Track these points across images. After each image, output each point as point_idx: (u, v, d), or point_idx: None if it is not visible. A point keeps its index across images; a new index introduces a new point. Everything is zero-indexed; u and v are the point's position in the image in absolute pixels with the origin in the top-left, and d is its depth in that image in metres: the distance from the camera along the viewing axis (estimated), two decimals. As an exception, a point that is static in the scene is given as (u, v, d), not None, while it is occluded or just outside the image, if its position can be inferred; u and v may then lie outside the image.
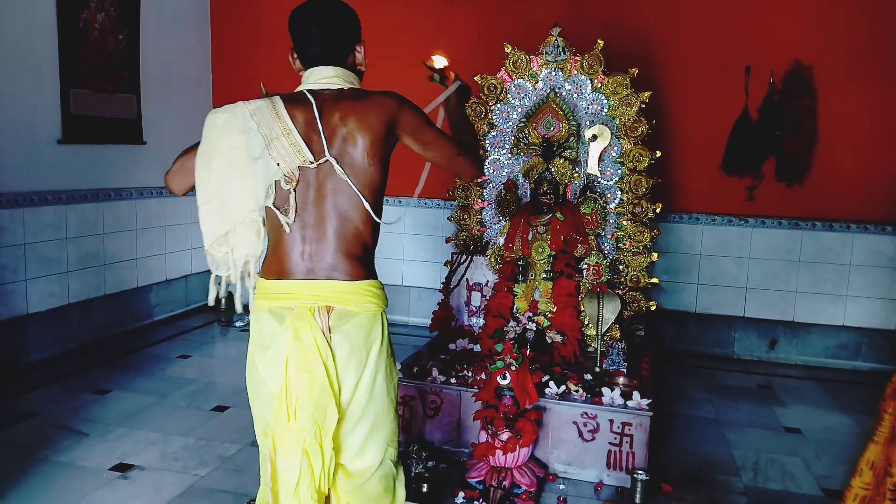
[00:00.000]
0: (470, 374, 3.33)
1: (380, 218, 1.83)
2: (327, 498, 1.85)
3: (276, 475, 1.75)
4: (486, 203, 4.20)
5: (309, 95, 1.81)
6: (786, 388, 4.43)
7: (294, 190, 1.75)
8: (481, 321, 4.02)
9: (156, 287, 5.32)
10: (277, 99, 1.80)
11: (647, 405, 3.01)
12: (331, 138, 1.76)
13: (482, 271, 4.09)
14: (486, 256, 4.08)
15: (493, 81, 4.07)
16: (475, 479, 2.94)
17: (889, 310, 4.72)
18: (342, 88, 1.85)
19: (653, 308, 4.05)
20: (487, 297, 4.01)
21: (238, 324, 5.40)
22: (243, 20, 5.70)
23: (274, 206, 1.75)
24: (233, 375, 4.28)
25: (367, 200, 1.77)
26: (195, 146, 1.83)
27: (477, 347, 3.74)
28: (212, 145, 1.76)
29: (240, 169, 1.72)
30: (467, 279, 4.11)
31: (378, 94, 1.83)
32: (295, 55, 1.95)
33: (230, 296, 5.96)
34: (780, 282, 4.90)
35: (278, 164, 1.72)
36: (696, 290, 5.04)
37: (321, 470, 1.73)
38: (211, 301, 1.86)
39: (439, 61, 2.30)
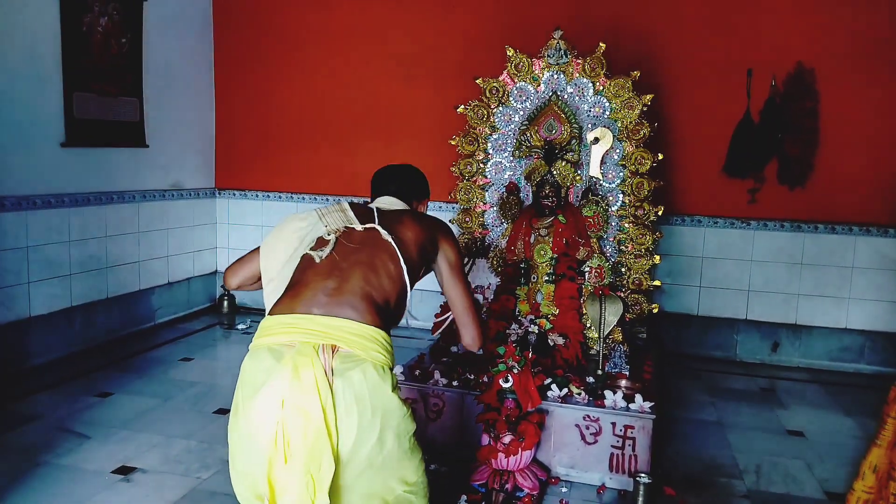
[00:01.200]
0: (472, 376, 3.33)
1: (411, 286, 1.90)
2: None
3: None
4: (488, 206, 4.20)
5: (373, 207, 2.04)
6: (788, 390, 4.42)
7: (336, 238, 1.87)
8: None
9: (158, 290, 5.33)
10: (343, 199, 2.07)
11: (650, 408, 3.01)
12: (382, 221, 1.93)
13: (484, 274, 4.09)
14: (489, 259, 4.08)
15: (494, 84, 4.07)
16: (477, 483, 2.93)
17: (892, 312, 4.71)
18: (402, 209, 2.09)
19: (655, 311, 4.04)
20: (490, 300, 4.01)
21: (240, 326, 5.40)
22: (246, 24, 5.71)
23: (311, 251, 1.85)
24: (235, 378, 4.26)
25: (405, 264, 1.86)
26: (257, 248, 1.98)
27: (479, 350, 3.73)
28: (278, 234, 1.93)
29: (296, 247, 1.89)
30: (469, 282, 4.10)
31: (436, 217, 2.10)
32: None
33: (232, 299, 5.95)
34: (782, 284, 4.89)
35: (326, 226, 1.89)
36: (699, 293, 5.03)
37: None
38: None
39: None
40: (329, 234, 1.87)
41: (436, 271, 2.06)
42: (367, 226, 1.90)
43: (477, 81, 4.11)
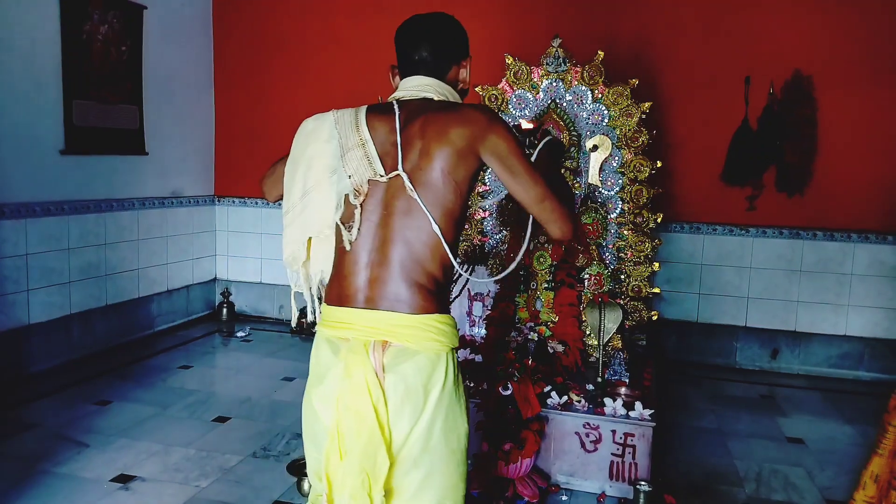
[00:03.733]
0: (472, 384, 3.32)
1: (454, 250, 1.65)
2: None
3: None
4: (487, 213, 4.21)
5: (395, 105, 1.69)
6: (788, 398, 4.42)
7: (361, 206, 1.63)
8: (483, 331, 4.01)
9: (157, 297, 5.33)
10: (363, 108, 1.71)
11: (650, 415, 3.01)
12: (407, 152, 1.62)
13: (483, 282, 4.09)
14: (488, 266, 4.08)
15: (493, 92, 4.09)
16: (477, 491, 2.93)
17: (891, 319, 4.71)
18: (431, 99, 1.72)
19: (654, 318, 4.04)
20: (489, 308, 4.01)
21: (239, 334, 5.39)
22: (245, 31, 5.73)
23: (340, 222, 1.64)
24: (234, 386, 4.28)
25: (438, 225, 1.59)
26: (281, 161, 1.80)
27: (479, 358, 3.73)
28: (298, 153, 1.71)
29: (320, 179, 1.66)
30: (469, 289, 4.10)
31: (467, 107, 1.68)
32: (395, 71, 1.83)
33: (231, 307, 5.93)
34: (781, 291, 4.89)
35: (350, 176, 1.63)
36: (698, 300, 5.04)
37: None
38: (294, 323, 1.80)
39: (526, 125, 2.11)
40: (354, 198, 1.62)
41: (495, 173, 1.67)
42: (392, 175, 1.61)
43: (476, 89, 4.12)
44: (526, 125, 2.07)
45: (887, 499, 1.99)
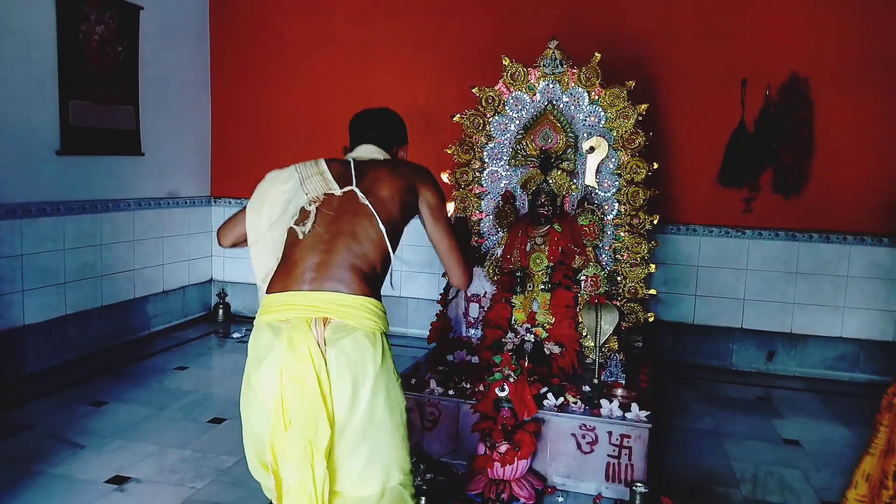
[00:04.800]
0: (468, 385, 3.32)
1: (394, 250, 1.94)
2: None
3: (281, 485, 1.75)
4: (483, 214, 4.21)
5: (350, 159, 2.05)
6: (784, 399, 4.43)
7: (316, 209, 1.91)
8: (479, 332, 4.01)
9: (153, 298, 5.32)
10: (322, 158, 2.03)
11: (646, 417, 3.01)
12: (360, 179, 1.96)
13: (480, 283, 4.09)
14: (485, 268, 4.08)
15: (490, 94, 4.09)
16: (473, 492, 2.93)
17: (886, 321, 4.72)
18: (380, 159, 2.09)
19: (651, 319, 4.05)
20: (486, 309, 4.01)
21: (235, 335, 5.39)
22: (242, 33, 5.72)
23: (294, 225, 1.91)
24: (230, 387, 4.27)
25: (383, 226, 1.89)
26: (244, 208, 2.03)
27: (475, 359, 3.73)
28: (262, 195, 1.96)
29: (281, 211, 1.93)
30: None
31: (413, 163, 2.10)
32: (346, 151, 2.19)
33: (227, 308, 5.92)
34: (777, 293, 4.90)
35: (307, 194, 1.92)
36: (694, 302, 5.04)
37: (312, 489, 1.70)
38: None
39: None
40: (310, 205, 1.91)
41: (420, 217, 2.07)
42: (346, 189, 1.92)
43: (473, 91, 4.12)
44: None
45: (879, 498, 2.00)
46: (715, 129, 4.88)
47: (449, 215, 2.29)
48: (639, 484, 2.87)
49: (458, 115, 4.17)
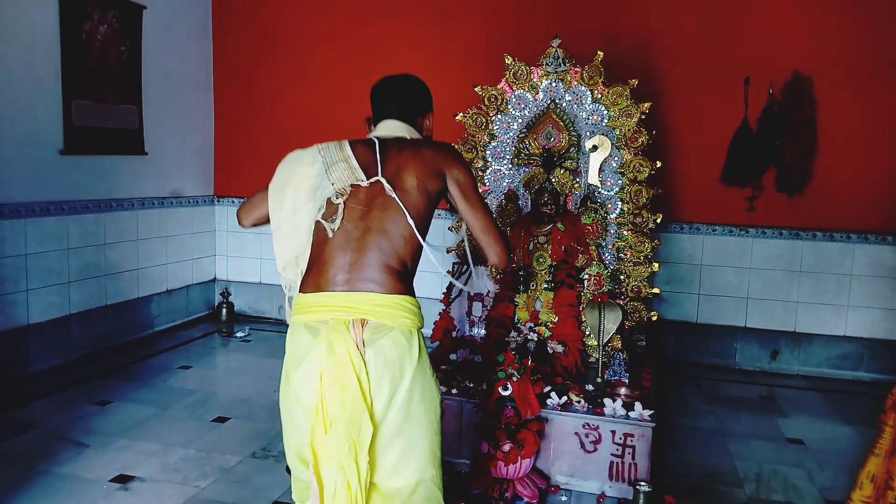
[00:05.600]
0: (471, 384, 3.32)
1: (424, 236, 1.90)
2: None
3: (322, 484, 1.74)
4: (486, 213, 4.20)
5: (374, 139, 1.96)
6: (788, 398, 4.42)
7: (344, 203, 1.86)
8: (483, 332, 4.01)
9: (157, 297, 5.33)
10: (345, 140, 1.95)
11: (649, 416, 3.01)
12: (386, 166, 1.89)
13: (483, 281, 4.09)
14: (488, 267, 4.08)
15: (493, 92, 4.09)
16: (477, 491, 2.93)
17: (890, 320, 4.71)
18: (406, 138, 2.00)
19: (654, 318, 4.04)
20: (489, 308, 4.00)
21: (239, 334, 5.39)
22: (245, 31, 5.73)
23: (322, 219, 1.86)
24: (234, 386, 4.28)
25: (412, 219, 1.85)
26: (266, 187, 1.96)
27: (478, 358, 3.73)
28: (285, 177, 1.91)
29: (308, 197, 1.87)
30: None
31: (439, 142, 2.01)
32: (370, 122, 2.12)
33: (231, 307, 5.92)
34: (781, 292, 4.89)
35: (333, 184, 1.86)
36: (698, 301, 5.04)
37: (357, 485, 1.72)
38: (288, 319, 1.94)
39: None
40: (337, 198, 1.86)
41: (449, 199, 1.99)
42: (373, 180, 1.86)
43: (475, 89, 4.12)
44: None
45: (884, 498, 1.99)
46: (718, 127, 4.87)
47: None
48: (642, 483, 2.87)
49: (461, 114, 4.17)
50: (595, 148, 3.95)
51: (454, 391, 3.28)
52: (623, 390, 3.31)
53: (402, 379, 1.78)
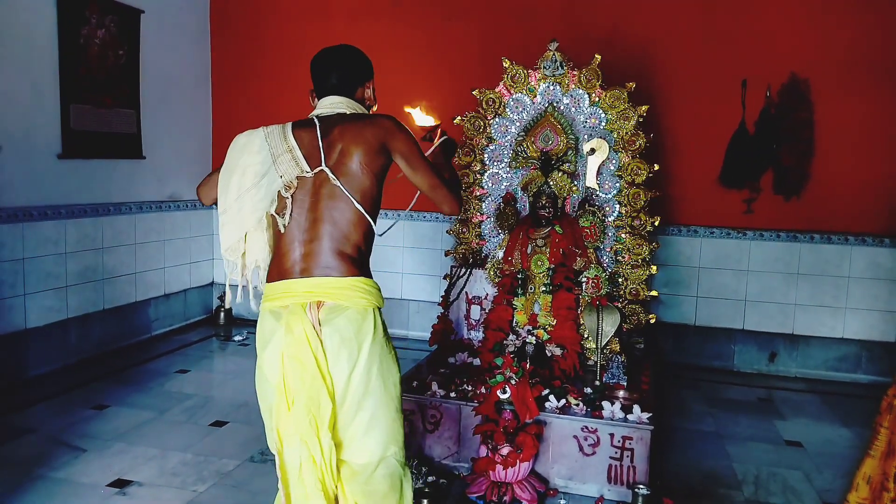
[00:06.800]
0: (470, 388, 3.32)
1: (374, 221, 1.99)
2: (337, 498, 1.92)
3: (284, 465, 1.85)
4: (484, 216, 4.21)
5: (315, 119, 2.03)
6: (786, 401, 4.42)
7: (292, 196, 1.94)
8: (481, 335, 4.01)
9: (154, 301, 5.32)
10: (288, 124, 2.02)
11: (648, 419, 3.01)
12: (329, 152, 1.96)
13: (481, 284, 4.09)
14: (486, 270, 4.08)
15: (491, 96, 4.09)
16: (475, 495, 2.92)
17: (888, 322, 4.72)
18: (345, 113, 2.05)
19: (652, 321, 4.04)
20: (487, 311, 4.01)
21: (237, 338, 5.38)
22: (243, 36, 5.73)
23: (275, 213, 1.96)
24: (231, 390, 4.27)
25: (359, 204, 1.93)
26: (218, 170, 2.05)
27: (477, 361, 3.73)
28: (232, 162, 1.99)
29: (252, 184, 1.95)
30: (466, 292, 4.10)
31: (377, 116, 2.04)
32: (313, 95, 2.16)
33: (230, 310, 5.92)
34: (779, 294, 4.90)
35: (281, 176, 1.94)
36: (696, 303, 5.04)
37: (322, 460, 1.82)
38: (227, 303, 2.07)
39: (421, 118, 2.41)
40: (286, 192, 1.93)
41: (399, 167, 2.06)
42: (317, 170, 1.93)
43: (473, 93, 4.12)
44: (422, 121, 2.40)
45: (880, 500, 2.00)
46: (715, 130, 4.88)
47: (434, 136, 2.35)
48: (641, 486, 2.87)
49: (459, 118, 4.17)
50: (593, 151, 3.96)
51: (452, 394, 3.28)
52: (621, 393, 3.31)
53: (359, 355, 1.88)
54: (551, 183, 3.95)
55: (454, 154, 2.41)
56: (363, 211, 1.94)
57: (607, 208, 4.00)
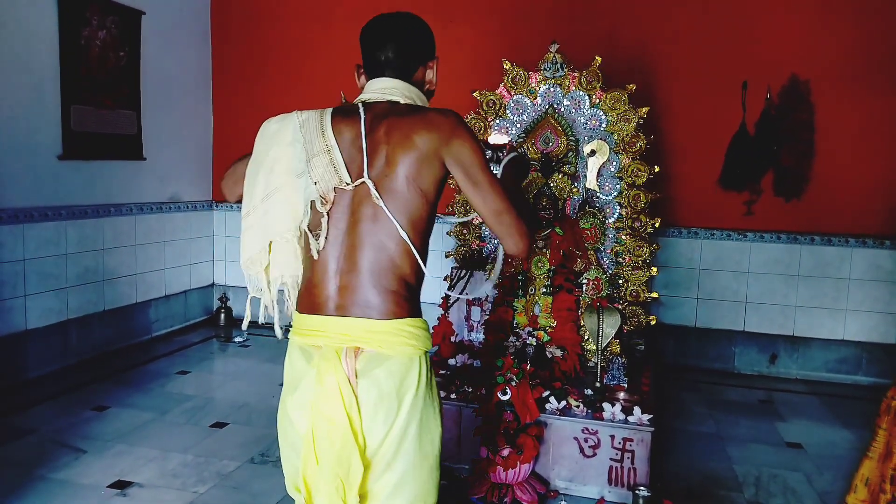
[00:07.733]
0: (470, 389, 3.32)
1: (423, 255, 1.60)
2: None
3: None
4: (485, 218, 4.20)
5: (361, 108, 1.65)
6: (787, 402, 4.42)
7: (328, 214, 1.59)
8: (481, 336, 4.01)
9: (155, 303, 5.32)
10: (328, 111, 1.67)
11: (648, 420, 3.01)
12: (372, 158, 1.58)
13: (482, 286, 4.09)
14: (486, 271, 4.08)
15: (491, 97, 4.09)
16: (476, 496, 2.92)
17: (888, 323, 4.72)
18: (397, 102, 1.67)
19: (653, 322, 4.04)
20: (487, 312, 4.01)
21: (237, 339, 5.38)
22: (244, 37, 5.73)
23: (308, 230, 1.60)
24: (232, 391, 4.27)
25: (405, 231, 1.56)
26: (248, 155, 1.74)
27: (477, 363, 3.73)
28: (261, 154, 1.66)
29: (282, 183, 1.60)
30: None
31: (432, 112, 1.63)
32: (361, 71, 1.80)
33: (229, 312, 5.90)
34: (779, 296, 4.90)
35: (316, 183, 1.58)
36: (696, 305, 5.04)
37: None
38: (245, 324, 1.80)
39: (496, 138, 2.03)
40: (321, 206, 1.59)
41: (456, 182, 1.63)
42: (357, 183, 1.57)
43: (474, 94, 4.13)
44: (496, 139, 2.01)
45: (878, 502, 2.00)
46: (716, 131, 4.88)
47: (498, 156, 1.90)
48: (641, 487, 2.86)
49: (460, 119, 4.17)
50: (593, 152, 3.96)
51: (453, 396, 3.28)
52: (622, 395, 3.30)
53: (398, 413, 1.57)
54: (552, 184, 3.95)
55: (527, 175, 1.99)
56: (409, 242, 1.56)
57: (608, 210, 4.00)
